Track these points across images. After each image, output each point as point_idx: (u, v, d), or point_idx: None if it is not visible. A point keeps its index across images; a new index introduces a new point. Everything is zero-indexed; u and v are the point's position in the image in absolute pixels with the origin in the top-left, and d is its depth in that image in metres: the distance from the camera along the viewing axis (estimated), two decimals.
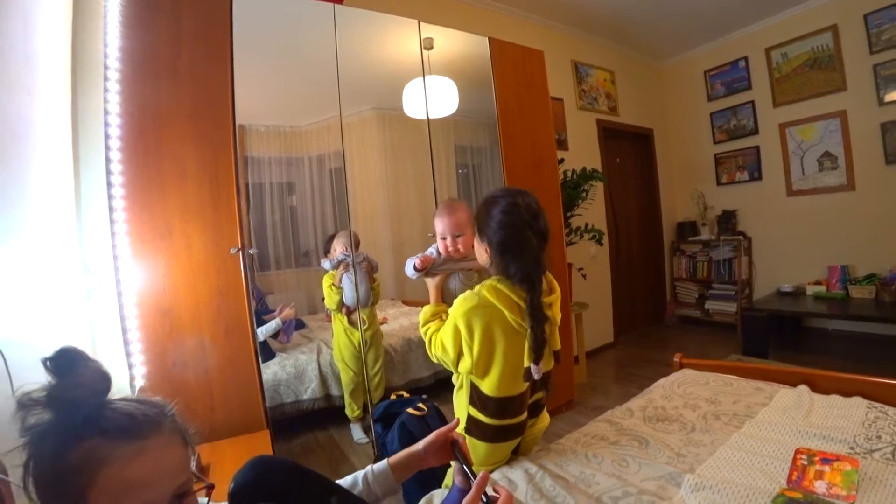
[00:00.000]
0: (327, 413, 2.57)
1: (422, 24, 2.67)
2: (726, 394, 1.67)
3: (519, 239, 1.25)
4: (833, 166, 4.10)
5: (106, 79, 1.75)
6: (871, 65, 3.83)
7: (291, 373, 2.52)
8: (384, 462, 0.97)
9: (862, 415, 1.40)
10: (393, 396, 2.45)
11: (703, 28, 4.50)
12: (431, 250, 1.62)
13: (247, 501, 0.68)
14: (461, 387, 1.39)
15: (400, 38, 2.72)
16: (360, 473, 0.95)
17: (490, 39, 2.83)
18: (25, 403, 0.55)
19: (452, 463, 0.97)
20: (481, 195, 3.11)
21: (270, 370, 2.43)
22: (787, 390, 1.64)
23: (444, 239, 1.54)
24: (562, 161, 3.45)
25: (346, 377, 2.55)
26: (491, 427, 1.30)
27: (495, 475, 1.30)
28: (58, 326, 1.49)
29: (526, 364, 1.24)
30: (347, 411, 2.55)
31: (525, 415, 1.35)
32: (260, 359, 1.96)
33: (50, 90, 1.63)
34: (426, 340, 1.43)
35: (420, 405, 2.24)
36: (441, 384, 2.82)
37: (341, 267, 2.57)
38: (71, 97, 1.77)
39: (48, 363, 0.57)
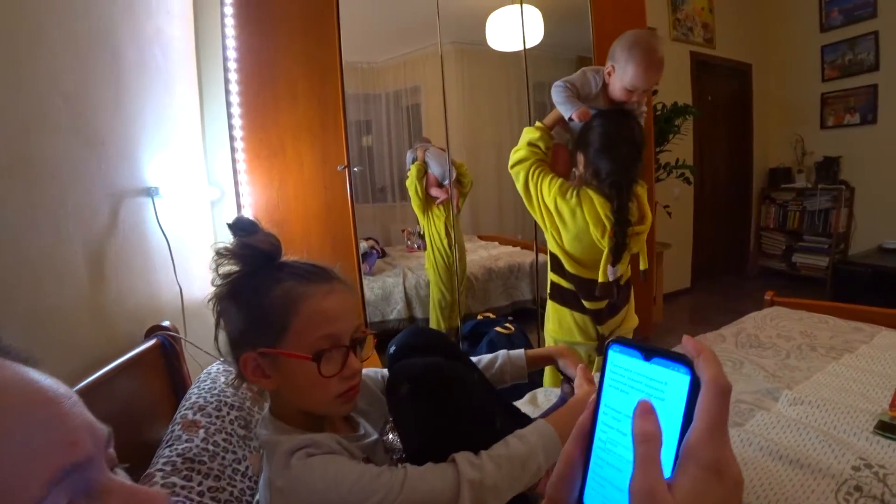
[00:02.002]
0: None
1: None
2: (822, 329, 1.65)
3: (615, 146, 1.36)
4: None
5: (223, 17, 1.86)
6: None
7: (379, 294, 2.70)
8: (521, 350, 1.05)
9: None
10: (479, 317, 2.59)
11: None
12: (591, 82, 1.46)
13: (406, 357, 0.79)
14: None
15: None
16: (498, 353, 1.04)
17: None
18: (222, 253, 0.67)
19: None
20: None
21: None
22: (890, 332, 1.59)
23: (633, 90, 1.36)
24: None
25: (435, 292, 2.67)
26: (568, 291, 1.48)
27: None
28: (194, 227, 1.69)
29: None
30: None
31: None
32: (362, 270, 2.12)
33: (181, 12, 1.77)
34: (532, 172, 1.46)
35: (507, 325, 2.37)
36: (519, 313, 2.92)
37: (419, 150, 2.64)
38: (193, 19, 1.91)
39: (232, 226, 0.68)
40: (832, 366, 1.35)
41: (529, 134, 1.48)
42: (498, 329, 2.24)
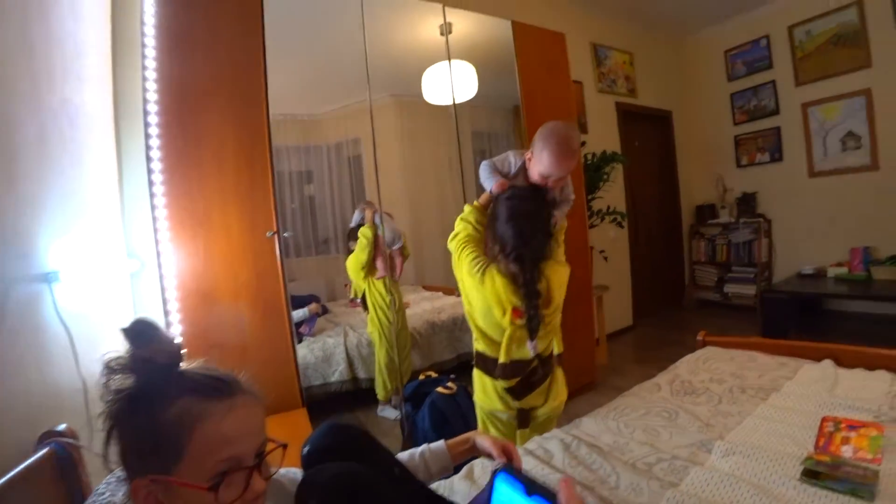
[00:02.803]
0: (354, 396, 2.63)
1: (445, 7, 2.67)
2: (751, 369, 1.71)
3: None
4: (856, 146, 4.04)
5: (144, 67, 1.81)
6: None
7: (319, 356, 2.60)
8: (441, 442, 1.00)
9: (886, 386, 1.43)
10: (421, 377, 2.52)
11: (720, 6, 4.44)
12: (511, 163, 1.53)
13: (321, 462, 0.73)
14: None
15: (418, 23, 2.74)
16: (416, 450, 0.99)
17: (513, 23, 2.83)
18: (113, 368, 0.61)
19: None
20: None
21: (299, 353, 2.51)
22: (812, 364, 1.67)
23: (547, 177, 1.41)
24: (583, 144, 3.46)
25: (381, 355, 2.61)
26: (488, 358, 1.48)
27: (530, 445, 1.36)
28: (105, 307, 1.57)
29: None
30: (379, 391, 2.62)
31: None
32: (295, 339, 2.04)
33: (97, 76, 1.70)
34: (456, 246, 1.50)
35: (449, 384, 2.31)
36: (464, 366, 2.89)
37: (367, 210, 2.62)
38: (112, 84, 1.84)
39: (127, 332, 0.62)
40: (760, 408, 1.40)
41: (465, 211, 1.52)
42: (440, 389, 2.18)
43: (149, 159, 1.82)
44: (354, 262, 2.63)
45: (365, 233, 2.57)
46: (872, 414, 1.29)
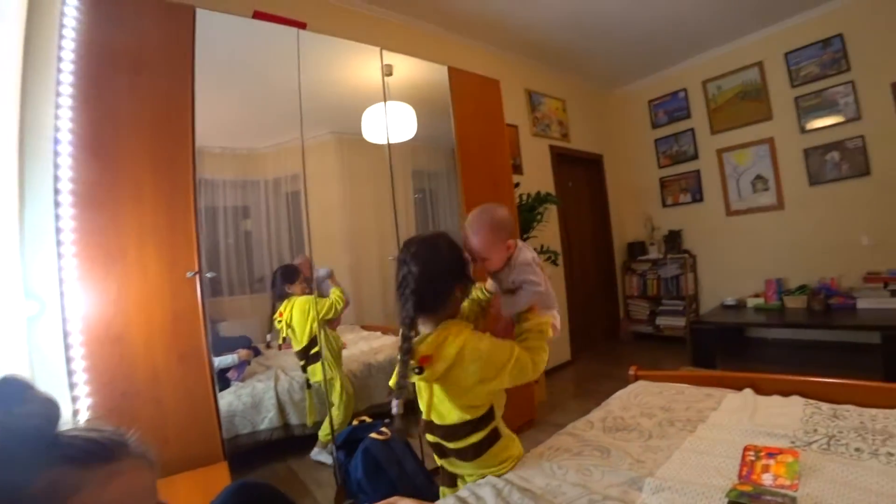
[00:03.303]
0: (286, 443, 2.48)
1: (383, 51, 2.73)
2: (679, 401, 1.75)
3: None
4: (765, 188, 4.44)
5: (58, 94, 1.69)
6: (793, 97, 4.23)
7: (248, 402, 2.44)
8: None
9: (800, 411, 1.51)
10: (355, 422, 2.41)
11: (646, 61, 4.84)
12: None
13: None
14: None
15: (360, 64, 2.77)
16: None
17: (449, 69, 2.92)
18: None
19: None
20: (438, 219, 3.19)
21: (225, 400, 2.34)
22: (734, 394, 1.74)
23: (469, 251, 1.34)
24: (517, 185, 3.57)
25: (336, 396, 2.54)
26: None
27: (463, 492, 1.30)
28: None
29: None
30: (322, 432, 2.49)
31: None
32: (217, 385, 1.90)
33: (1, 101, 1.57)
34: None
35: (384, 429, 2.21)
36: (404, 406, 2.80)
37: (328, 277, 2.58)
38: (20, 109, 1.71)
39: None
40: (688, 440, 1.42)
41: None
42: (373, 435, 2.08)
43: (56, 191, 1.68)
44: (310, 315, 2.55)
45: (341, 298, 2.55)
46: (789, 440, 1.34)
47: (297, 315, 2.58)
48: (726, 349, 4.09)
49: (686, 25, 4.11)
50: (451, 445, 1.33)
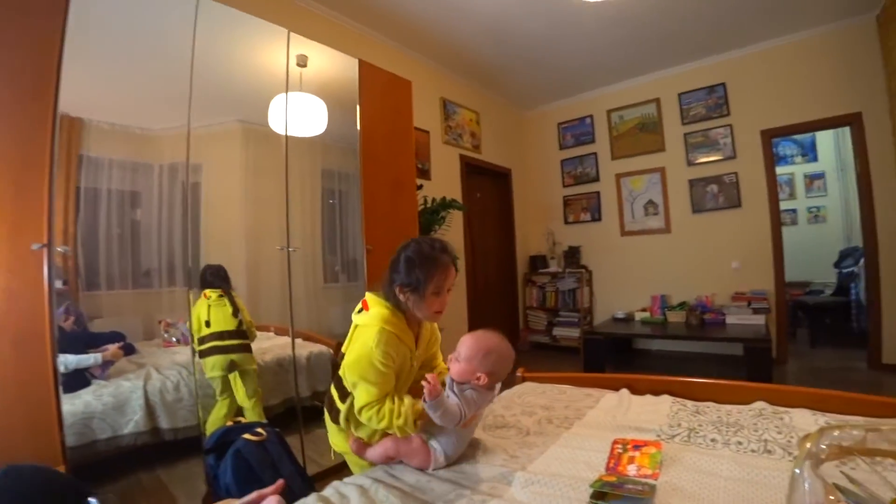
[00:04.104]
0: (153, 450, 2.20)
1: (292, 36, 2.59)
2: (560, 400, 1.77)
3: None
4: (655, 212, 4.79)
5: None
6: (683, 133, 4.64)
7: (109, 403, 2.13)
8: None
9: (667, 408, 1.58)
10: (228, 423, 2.19)
11: (559, 86, 5.10)
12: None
13: None
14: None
15: (270, 51, 2.61)
16: None
17: (360, 62, 2.84)
18: None
19: None
20: (347, 222, 3.08)
21: (82, 400, 2.03)
22: (611, 394, 1.80)
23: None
24: (420, 187, 3.54)
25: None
26: None
27: (327, 491, 1.20)
28: None
29: None
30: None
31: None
32: (60, 383, 1.62)
33: None
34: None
35: (259, 430, 2.02)
36: (291, 412, 2.61)
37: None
38: None
39: None
40: (563, 436, 1.42)
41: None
42: (247, 437, 1.89)
43: None
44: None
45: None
46: (655, 433, 1.38)
47: (216, 310, 2.46)
48: (615, 359, 4.34)
49: (599, 57, 4.40)
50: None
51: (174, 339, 2.65)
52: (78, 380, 2.06)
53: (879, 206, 3.71)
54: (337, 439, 1.49)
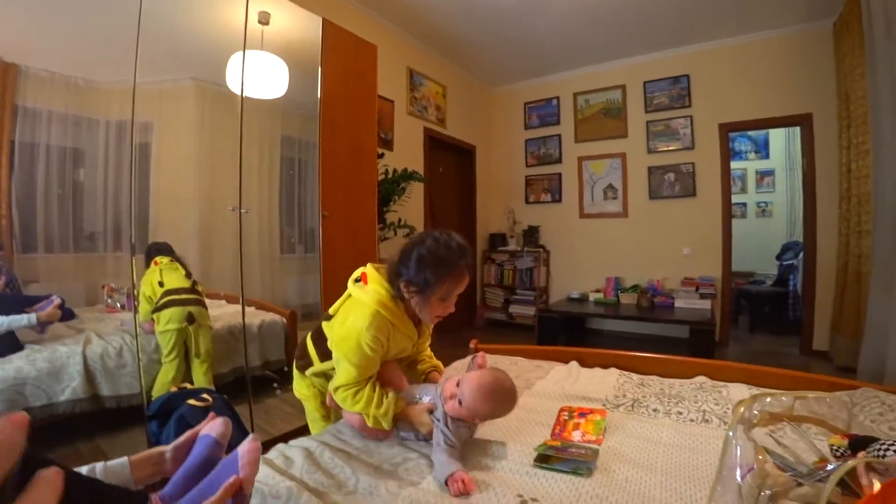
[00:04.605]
0: (94, 418, 2.09)
1: None
2: (511, 371, 1.76)
3: None
4: (614, 196, 4.88)
5: None
6: (646, 121, 4.70)
7: (44, 369, 2.00)
8: (124, 458, 0.78)
9: (614, 380, 1.61)
10: (173, 388, 2.10)
11: (528, 66, 5.05)
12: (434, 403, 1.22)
13: None
14: None
15: (230, 3, 2.44)
16: (92, 466, 0.75)
17: (324, 21, 2.71)
18: None
19: None
20: (306, 193, 2.99)
21: (13, 365, 1.90)
22: (561, 366, 1.82)
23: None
24: (382, 156, 3.45)
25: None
26: None
27: (272, 454, 1.17)
28: None
29: None
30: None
31: None
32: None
33: None
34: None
35: (204, 396, 1.94)
36: (241, 382, 2.52)
37: None
38: None
39: None
40: None
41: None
42: (192, 402, 1.80)
43: None
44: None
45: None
46: (601, 402, 1.41)
47: (169, 272, 2.39)
48: (569, 337, 4.44)
49: (570, 39, 4.37)
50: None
51: (118, 305, 2.53)
52: (9, 343, 1.94)
53: (821, 203, 3.90)
54: (300, 386, 1.47)
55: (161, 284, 2.36)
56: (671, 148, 4.59)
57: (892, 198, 2.88)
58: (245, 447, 0.73)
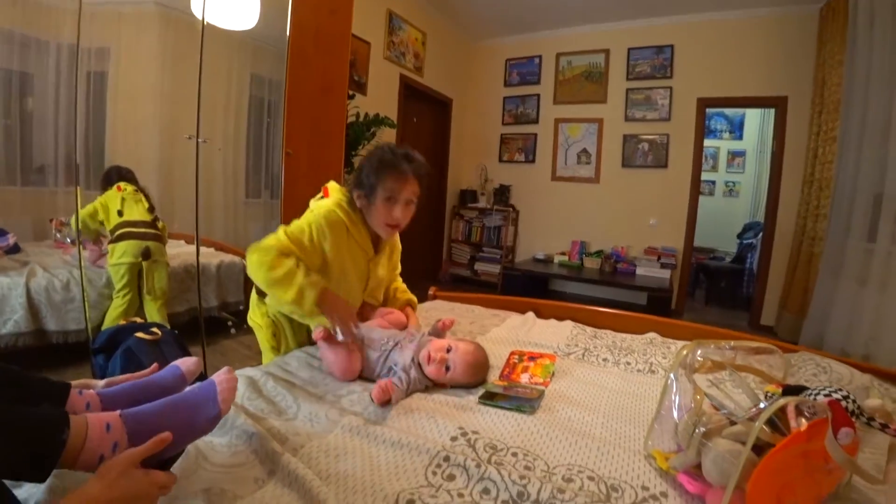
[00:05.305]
0: (38, 353, 2.05)
1: None
2: (467, 317, 1.78)
3: None
4: (587, 161, 4.87)
5: None
6: (625, 88, 4.65)
7: None
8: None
9: (568, 331, 1.63)
10: (122, 321, 2.03)
11: (512, 21, 4.89)
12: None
13: None
14: None
15: None
16: None
17: None
18: None
19: None
20: (276, 136, 2.85)
21: None
22: (518, 315, 1.83)
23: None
24: (353, 97, 3.31)
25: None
26: None
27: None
28: None
29: None
30: None
31: None
32: None
33: None
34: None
35: (153, 329, 1.87)
36: (196, 322, 2.45)
37: None
38: None
39: None
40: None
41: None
42: (140, 335, 1.73)
43: None
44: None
45: None
46: (552, 349, 1.41)
47: (131, 202, 2.30)
48: (531, 296, 4.47)
49: None
50: None
51: (68, 240, 2.43)
52: None
53: (785, 185, 4.00)
54: (255, 314, 1.44)
55: (120, 214, 2.24)
56: (648, 118, 4.57)
57: (851, 184, 2.96)
58: (221, 377, 0.71)
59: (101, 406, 0.69)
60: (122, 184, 2.27)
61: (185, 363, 0.83)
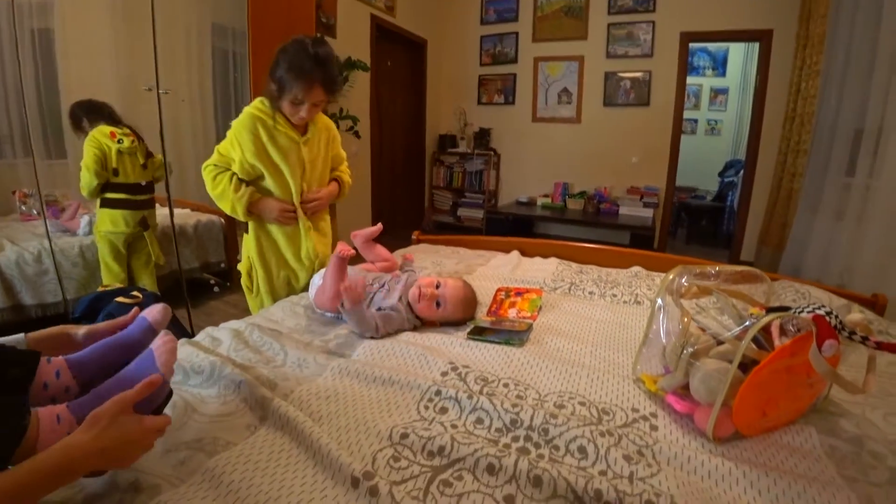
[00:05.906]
0: (17, 329, 1.93)
1: None
2: (452, 258, 1.77)
3: None
4: (568, 101, 4.75)
5: None
6: (607, 23, 4.46)
7: None
8: (20, 334, 0.71)
9: (553, 267, 1.63)
10: (100, 288, 1.97)
11: None
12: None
13: None
14: None
15: None
16: None
17: None
18: None
19: None
20: (244, 88, 2.74)
21: None
22: (503, 255, 1.82)
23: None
24: (322, 39, 3.12)
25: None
26: None
27: (200, 335, 1.11)
28: None
29: None
30: None
31: None
32: None
33: None
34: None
35: (134, 293, 1.82)
36: (177, 286, 2.40)
37: None
38: None
39: None
40: None
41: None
42: (120, 300, 1.68)
43: None
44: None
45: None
46: (539, 285, 1.41)
47: (128, 158, 2.16)
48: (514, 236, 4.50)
49: None
50: None
51: (34, 212, 2.34)
52: None
53: (766, 121, 3.96)
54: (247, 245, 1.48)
55: (116, 173, 2.09)
56: (630, 54, 4.43)
57: (833, 119, 2.94)
58: (157, 343, 0.67)
59: (69, 373, 0.67)
60: (115, 129, 2.07)
61: (151, 312, 0.80)
